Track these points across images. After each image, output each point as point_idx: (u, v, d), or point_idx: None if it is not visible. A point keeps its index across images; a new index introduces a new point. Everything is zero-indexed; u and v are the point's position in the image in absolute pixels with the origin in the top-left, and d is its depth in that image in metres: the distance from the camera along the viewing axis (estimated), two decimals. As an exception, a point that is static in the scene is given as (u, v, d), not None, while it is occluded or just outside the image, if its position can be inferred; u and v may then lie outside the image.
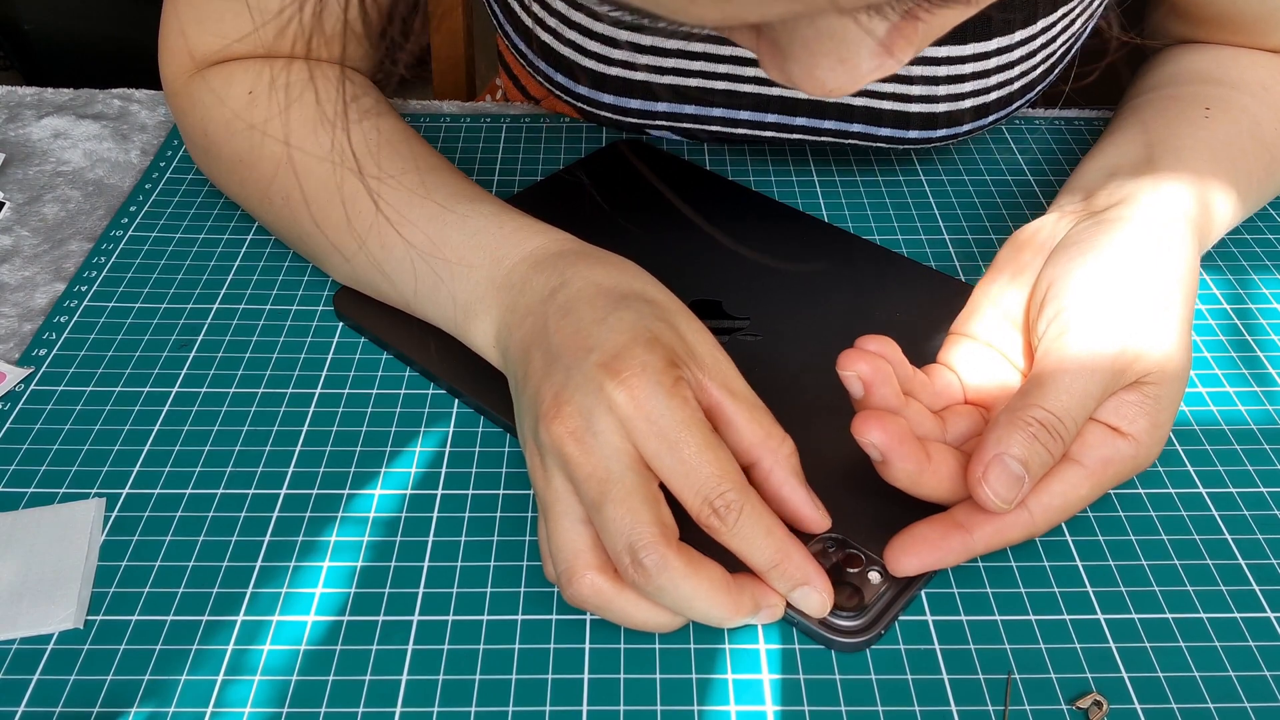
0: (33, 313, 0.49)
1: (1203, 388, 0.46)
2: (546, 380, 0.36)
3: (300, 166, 0.47)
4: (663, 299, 0.39)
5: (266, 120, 0.49)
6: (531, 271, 0.41)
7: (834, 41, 0.26)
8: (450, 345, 0.45)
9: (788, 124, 0.55)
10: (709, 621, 0.35)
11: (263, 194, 0.49)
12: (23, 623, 0.36)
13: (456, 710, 0.34)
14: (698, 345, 0.37)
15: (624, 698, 0.35)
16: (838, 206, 0.56)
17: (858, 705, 0.35)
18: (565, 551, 0.35)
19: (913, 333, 0.47)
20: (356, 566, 0.38)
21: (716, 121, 0.55)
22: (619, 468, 0.34)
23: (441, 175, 0.46)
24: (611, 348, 0.36)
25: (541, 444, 0.35)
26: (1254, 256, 0.54)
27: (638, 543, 0.33)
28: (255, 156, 0.49)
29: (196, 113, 0.52)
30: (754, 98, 0.54)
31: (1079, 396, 0.36)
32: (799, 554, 0.35)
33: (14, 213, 0.56)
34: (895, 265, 0.51)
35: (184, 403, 0.45)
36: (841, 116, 0.54)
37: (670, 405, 0.34)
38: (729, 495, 0.34)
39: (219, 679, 0.35)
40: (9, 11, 1.42)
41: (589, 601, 0.35)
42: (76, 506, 0.40)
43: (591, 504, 0.34)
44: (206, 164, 0.53)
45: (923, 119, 0.53)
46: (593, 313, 0.37)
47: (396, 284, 0.45)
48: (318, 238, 0.47)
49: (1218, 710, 0.34)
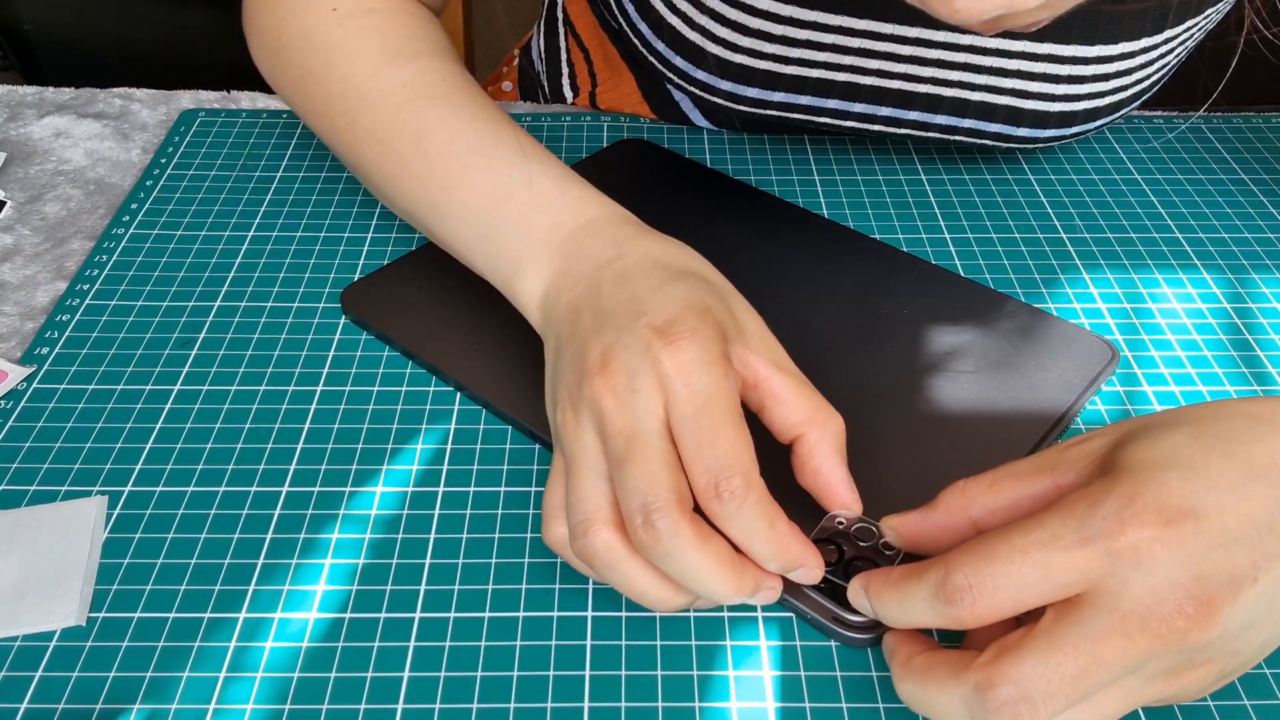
0: (34, 311, 0.49)
1: (1202, 387, 0.46)
2: (595, 337, 0.36)
3: (370, 94, 0.47)
4: (716, 279, 0.39)
5: (344, 40, 0.49)
6: (589, 239, 0.41)
7: None
8: (459, 340, 0.45)
9: (899, 118, 0.55)
10: (709, 595, 0.34)
11: (326, 112, 0.49)
12: (25, 620, 0.36)
13: (458, 707, 0.34)
14: (748, 324, 0.38)
15: (625, 694, 0.35)
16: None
17: (859, 702, 0.35)
18: (585, 504, 0.34)
19: (919, 329, 0.47)
20: (358, 564, 0.39)
21: (828, 113, 0.55)
22: (648, 429, 0.34)
23: (510, 130, 0.46)
24: (665, 314, 0.36)
25: (581, 398, 0.35)
26: (1254, 256, 0.54)
27: (653, 504, 0.33)
28: (327, 74, 0.49)
29: (276, 13, 0.51)
30: (871, 90, 0.54)
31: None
32: (796, 544, 0.34)
33: (15, 212, 0.56)
34: (900, 261, 0.51)
35: (186, 400, 0.45)
36: (955, 111, 0.54)
37: (710, 374, 0.34)
38: (735, 482, 0.33)
39: (221, 676, 0.35)
40: (9, 11, 1.42)
41: (599, 556, 0.34)
42: (79, 504, 0.40)
43: (615, 459, 0.34)
44: (272, 67, 0.53)
45: (1035, 116, 0.53)
46: (649, 282, 0.38)
47: (451, 228, 0.45)
48: (380, 167, 0.47)
49: (1218, 709, 0.34)
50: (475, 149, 0.45)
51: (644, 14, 0.55)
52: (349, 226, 0.55)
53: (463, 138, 0.45)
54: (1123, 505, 0.30)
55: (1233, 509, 0.30)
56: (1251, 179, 0.60)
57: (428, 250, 0.52)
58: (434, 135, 0.45)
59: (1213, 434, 0.31)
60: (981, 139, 0.55)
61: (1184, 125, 0.64)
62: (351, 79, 0.48)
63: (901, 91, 0.54)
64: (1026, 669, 0.29)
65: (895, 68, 0.52)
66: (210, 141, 0.61)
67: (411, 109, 0.46)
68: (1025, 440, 0.42)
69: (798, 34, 0.51)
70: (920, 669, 0.32)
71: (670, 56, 0.55)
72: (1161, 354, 0.48)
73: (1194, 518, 0.29)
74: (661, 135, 0.62)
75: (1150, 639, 0.29)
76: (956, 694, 0.30)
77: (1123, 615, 0.29)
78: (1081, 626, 0.29)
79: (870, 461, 0.41)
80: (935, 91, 0.53)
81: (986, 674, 0.30)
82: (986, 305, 0.49)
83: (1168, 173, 0.60)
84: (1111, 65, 0.51)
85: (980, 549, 0.31)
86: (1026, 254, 0.54)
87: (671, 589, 0.34)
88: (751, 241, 0.52)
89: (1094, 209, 0.57)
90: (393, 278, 0.50)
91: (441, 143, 0.45)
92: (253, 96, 0.65)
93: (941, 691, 0.31)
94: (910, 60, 0.52)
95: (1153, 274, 0.53)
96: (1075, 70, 0.51)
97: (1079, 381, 0.45)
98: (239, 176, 0.58)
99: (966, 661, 0.31)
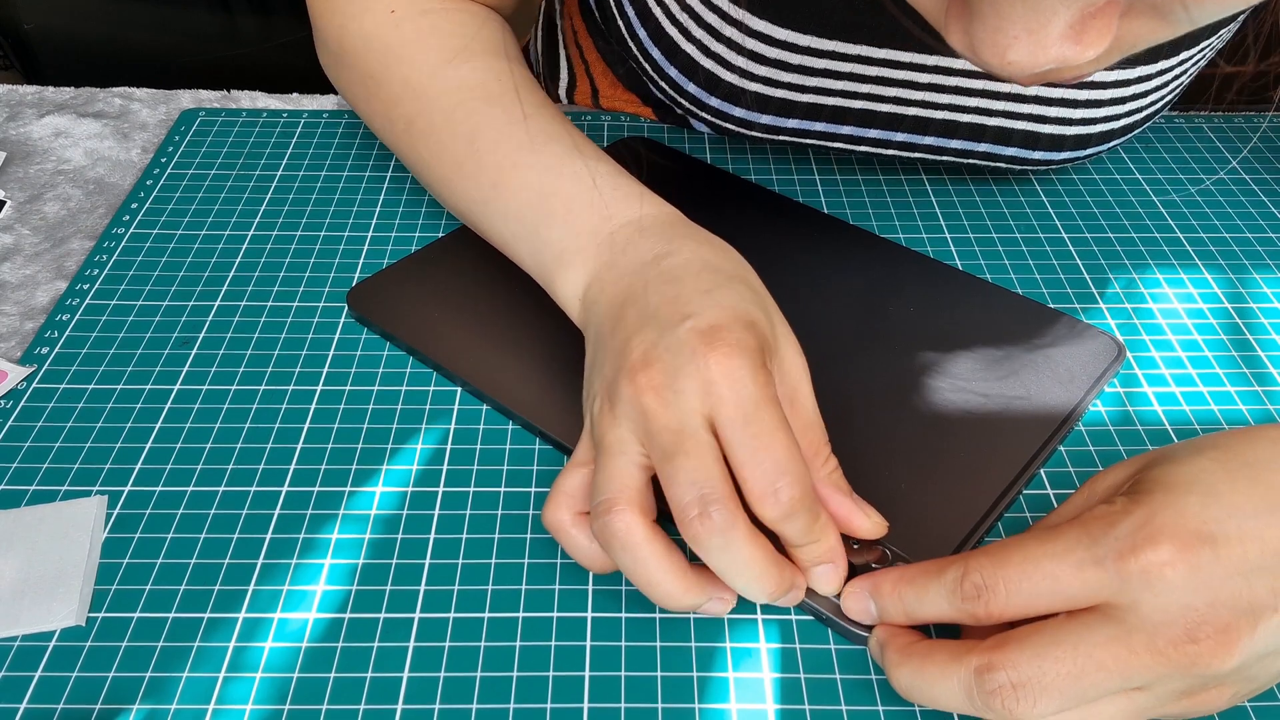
0: (34, 311, 0.49)
1: (1203, 387, 0.46)
2: (638, 335, 0.36)
3: (427, 96, 0.48)
4: (761, 290, 0.39)
5: (402, 42, 0.49)
6: (638, 235, 0.41)
7: (1026, 7, 0.25)
8: (467, 339, 0.45)
9: (915, 143, 0.54)
10: (748, 593, 0.34)
11: (386, 114, 0.50)
12: (25, 620, 0.36)
13: (458, 707, 0.34)
14: (782, 344, 0.38)
15: (625, 695, 0.35)
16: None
17: (858, 704, 0.35)
18: (614, 483, 0.34)
19: (925, 326, 0.47)
20: (358, 564, 0.39)
21: (842, 139, 0.55)
22: (694, 425, 0.34)
23: (562, 128, 0.46)
24: (711, 319, 0.36)
25: (620, 394, 0.35)
26: (1255, 255, 0.54)
27: (710, 495, 0.33)
28: (386, 76, 0.50)
29: (336, 18, 0.52)
30: (887, 117, 0.53)
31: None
32: (834, 536, 0.35)
33: (15, 211, 0.56)
34: (905, 258, 0.51)
35: (185, 400, 0.45)
36: (971, 136, 0.53)
37: (756, 384, 0.34)
38: (794, 489, 0.33)
39: (220, 676, 0.35)
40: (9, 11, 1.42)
41: (618, 536, 0.34)
42: (78, 504, 0.40)
43: (664, 454, 0.34)
44: (336, 72, 0.54)
45: (1051, 140, 0.53)
46: (697, 284, 0.37)
47: (499, 224, 0.45)
48: (435, 168, 0.48)
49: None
50: (526, 146, 0.45)
51: (657, 40, 0.54)
52: (349, 226, 0.55)
53: (514, 136, 0.45)
54: (1138, 527, 0.30)
55: (1255, 536, 0.29)
56: (1252, 178, 0.60)
57: (433, 249, 0.52)
58: (486, 135, 0.46)
59: (1240, 460, 0.31)
60: (996, 162, 0.55)
61: (1185, 125, 0.64)
62: (410, 81, 0.49)
63: (918, 118, 0.53)
64: (1026, 657, 0.30)
65: (912, 95, 0.52)
66: (210, 141, 0.61)
67: (465, 110, 0.47)
68: (1034, 437, 0.42)
69: (815, 63, 0.51)
70: (919, 654, 0.32)
71: (683, 83, 0.55)
72: (1162, 354, 0.48)
73: (1212, 543, 0.29)
74: (663, 135, 0.62)
75: (1155, 657, 0.29)
76: (956, 675, 0.31)
77: (1128, 629, 0.29)
78: (1086, 630, 0.30)
79: (877, 458, 0.41)
80: (951, 118, 0.53)
81: (988, 658, 0.30)
82: (992, 301, 0.49)
83: (1169, 172, 0.60)
84: (1128, 89, 0.51)
85: (998, 553, 0.32)
86: (1027, 253, 0.54)
87: (683, 585, 0.34)
88: (755, 239, 0.52)
89: (1094, 208, 0.57)
90: (398, 277, 0.50)
91: (493, 142, 0.46)
92: (253, 96, 0.65)
93: (941, 674, 0.31)
94: (928, 88, 0.52)
95: (1153, 273, 0.53)
96: (1093, 95, 0.51)
97: (1086, 378, 0.45)
98: (239, 176, 0.58)
99: (968, 648, 0.31)
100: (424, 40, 0.49)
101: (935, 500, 0.39)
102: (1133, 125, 0.53)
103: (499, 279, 0.49)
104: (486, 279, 0.49)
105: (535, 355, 0.45)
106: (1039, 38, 0.26)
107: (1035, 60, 0.26)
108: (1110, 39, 0.26)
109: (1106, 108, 0.51)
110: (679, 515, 0.33)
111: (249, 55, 1.13)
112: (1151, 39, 0.27)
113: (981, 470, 0.41)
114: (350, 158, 0.60)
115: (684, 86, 0.55)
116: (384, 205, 0.56)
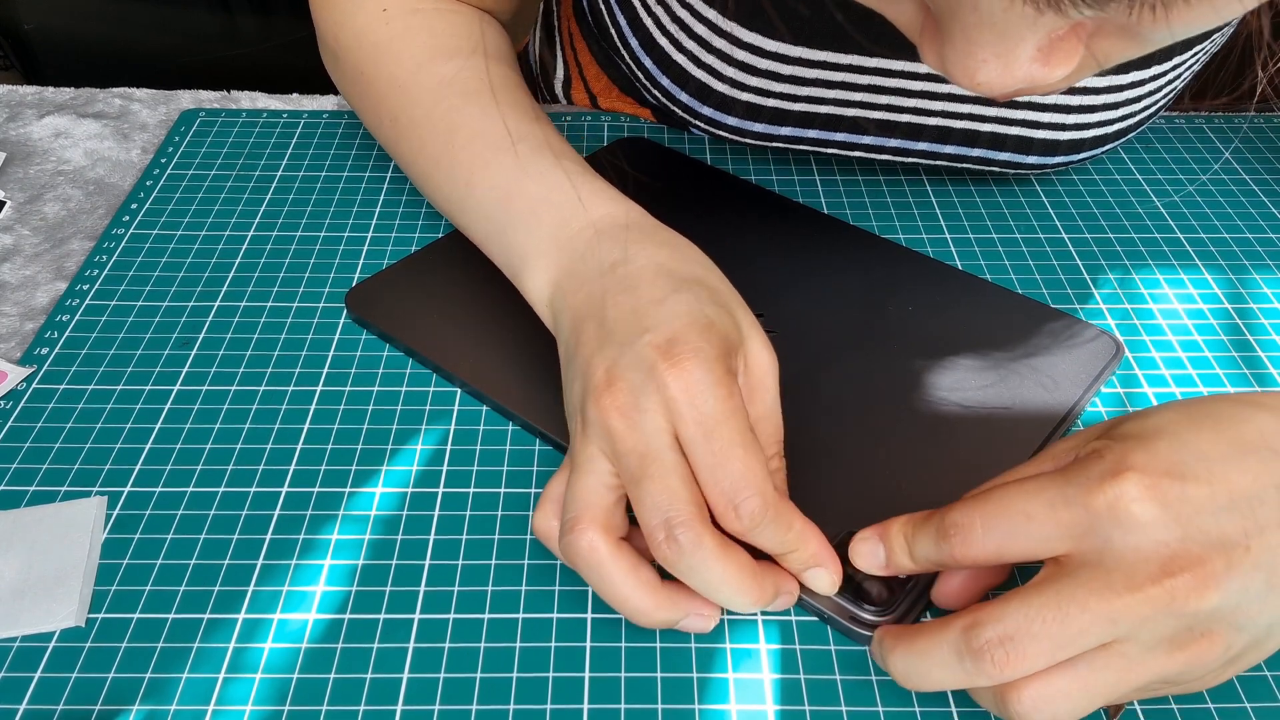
0: (34, 311, 0.49)
1: (1202, 386, 0.46)
2: (599, 354, 0.37)
3: (410, 93, 0.49)
4: (722, 287, 0.39)
5: (391, 40, 0.50)
6: (596, 239, 0.41)
7: (995, 33, 0.26)
8: (465, 340, 0.45)
9: (908, 148, 0.55)
10: (731, 605, 0.35)
11: (375, 110, 0.51)
12: (24, 621, 0.36)
13: (457, 708, 0.34)
14: (748, 338, 0.38)
15: (625, 696, 0.35)
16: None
17: (858, 705, 0.35)
18: (579, 502, 0.35)
19: (924, 325, 0.47)
20: (358, 564, 0.39)
21: (835, 145, 0.55)
22: (659, 445, 0.34)
23: (535, 126, 0.46)
24: (668, 331, 0.36)
25: (588, 415, 0.36)
26: (1254, 255, 0.54)
27: (675, 519, 0.33)
28: (375, 72, 0.50)
29: (333, 15, 0.53)
30: (880, 124, 0.53)
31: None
32: (815, 540, 0.35)
33: (15, 212, 0.56)
34: (904, 258, 0.51)
35: (185, 401, 0.45)
36: (965, 141, 0.54)
37: (716, 395, 0.34)
38: (753, 502, 0.34)
39: (220, 677, 0.35)
40: (9, 11, 1.42)
41: (582, 555, 0.34)
42: (78, 505, 0.40)
43: (631, 478, 0.34)
44: (333, 69, 0.55)
45: (1045, 145, 0.53)
46: (652, 293, 0.38)
47: (472, 222, 0.46)
48: (418, 163, 0.49)
49: (1218, 710, 0.34)
50: (497, 145, 0.45)
51: (649, 49, 0.55)
52: (349, 226, 0.55)
53: (488, 134, 0.46)
54: (1109, 468, 0.31)
55: (1222, 478, 0.30)
56: (1252, 178, 0.60)
57: (431, 250, 0.52)
58: (462, 132, 0.46)
59: (1204, 414, 0.32)
60: (990, 166, 0.55)
61: (1184, 125, 0.64)
62: (396, 78, 0.49)
63: (911, 124, 0.53)
64: (1011, 611, 0.30)
65: (905, 102, 0.52)
66: (210, 141, 0.61)
67: (445, 107, 0.47)
68: (1033, 436, 0.42)
69: (807, 73, 0.51)
70: (911, 633, 0.33)
71: (676, 93, 0.55)
72: (1162, 354, 0.48)
73: (1181, 480, 0.30)
74: (663, 136, 0.62)
75: (1135, 595, 0.29)
76: (945, 640, 0.31)
77: (1106, 570, 0.30)
78: (1066, 579, 0.30)
79: (876, 458, 0.41)
80: (945, 124, 0.53)
81: (974, 616, 0.31)
82: (991, 301, 0.49)
83: (1168, 172, 0.60)
84: (1122, 94, 0.51)
85: (976, 494, 0.33)
86: (1027, 253, 0.54)
87: (653, 601, 0.35)
88: (754, 239, 0.52)
89: (1094, 208, 0.57)
90: (397, 278, 0.50)
91: (468, 139, 0.46)
92: (253, 96, 0.65)
93: (931, 643, 0.32)
94: (920, 95, 0.52)
95: (1153, 273, 0.53)
96: (1087, 100, 0.51)
97: (1085, 376, 0.45)
98: (239, 177, 0.58)
99: (956, 616, 0.32)
100: (411, 38, 0.50)
101: (934, 499, 0.39)
102: (1126, 130, 0.53)
103: (498, 280, 0.49)
104: (485, 280, 0.49)
105: (535, 356, 0.45)
106: (1007, 61, 0.26)
107: (1004, 82, 0.27)
108: (1078, 59, 0.27)
109: (1100, 113, 0.52)
110: (649, 540, 0.34)
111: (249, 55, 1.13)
112: (1123, 55, 0.28)
113: (981, 469, 0.41)
114: (350, 158, 0.60)
115: (676, 96, 0.55)
116: (384, 206, 0.56)
